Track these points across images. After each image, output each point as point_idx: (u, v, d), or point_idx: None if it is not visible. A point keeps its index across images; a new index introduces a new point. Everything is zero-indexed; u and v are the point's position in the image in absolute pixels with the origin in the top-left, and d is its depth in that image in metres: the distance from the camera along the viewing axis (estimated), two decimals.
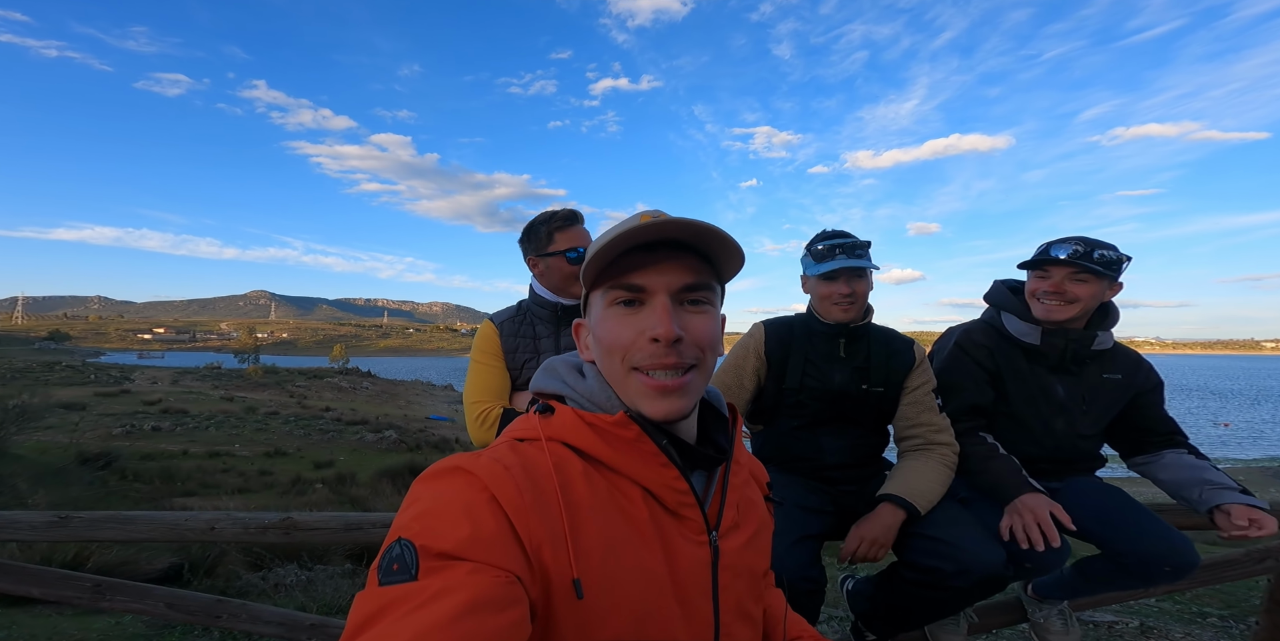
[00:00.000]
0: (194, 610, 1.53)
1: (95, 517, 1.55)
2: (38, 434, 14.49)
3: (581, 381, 0.68)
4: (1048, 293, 1.51)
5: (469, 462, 0.55)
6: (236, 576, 3.59)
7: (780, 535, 1.39)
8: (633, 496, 0.60)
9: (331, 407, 34.17)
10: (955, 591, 1.31)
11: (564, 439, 0.61)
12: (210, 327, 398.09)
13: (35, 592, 1.51)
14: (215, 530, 1.57)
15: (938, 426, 1.54)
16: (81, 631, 2.66)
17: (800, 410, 1.59)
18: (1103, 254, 1.46)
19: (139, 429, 21.64)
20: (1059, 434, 1.57)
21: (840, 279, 1.50)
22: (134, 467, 13.63)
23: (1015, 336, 1.60)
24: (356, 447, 21.04)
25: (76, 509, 5.10)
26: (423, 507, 0.51)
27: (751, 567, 0.69)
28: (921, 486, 1.44)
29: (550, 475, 0.56)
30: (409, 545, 0.48)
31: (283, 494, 11.35)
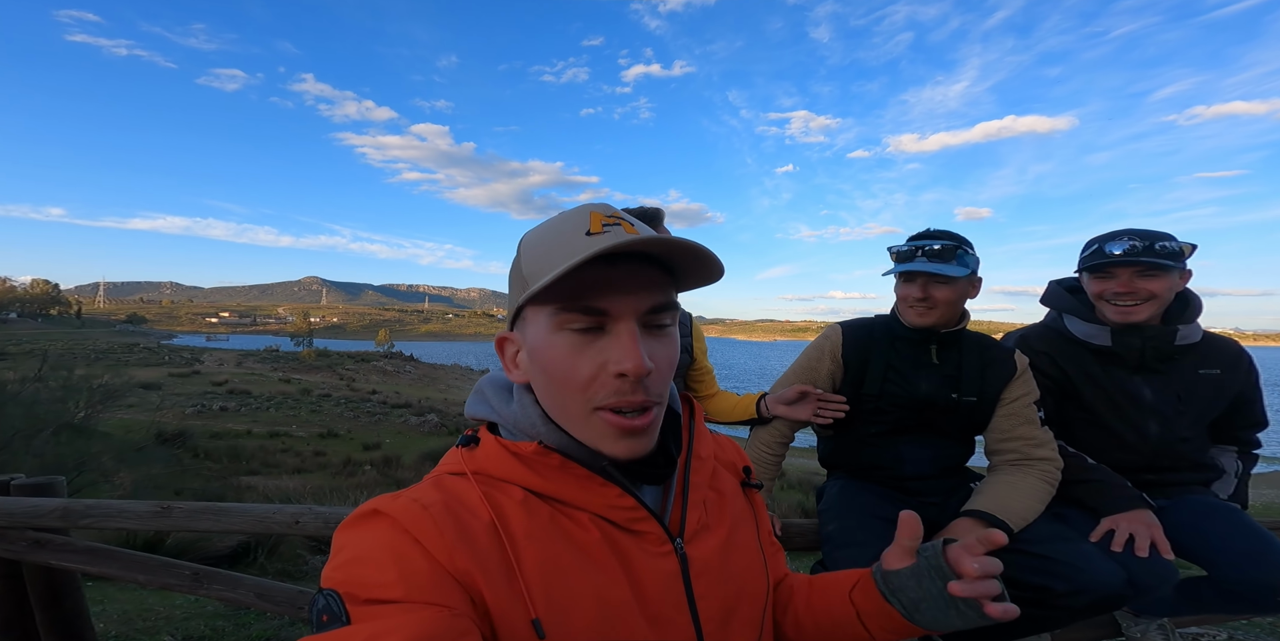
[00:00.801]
0: (280, 601, 1.61)
1: (194, 508, 1.65)
2: (120, 412, 15.72)
3: (507, 406, 0.61)
4: (1118, 293, 1.39)
5: (386, 505, 0.52)
6: (303, 559, 3.81)
7: (860, 547, 1.36)
8: (579, 520, 0.56)
9: (378, 390, 35.68)
10: (1064, 611, 1.24)
11: (489, 471, 0.57)
12: (269, 312, 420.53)
13: (140, 579, 1.63)
14: (299, 524, 1.64)
15: (1038, 440, 1.44)
16: (167, 608, 2.88)
17: (879, 417, 1.52)
18: (1164, 245, 1.35)
19: (209, 408, 23.21)
20: (1154, 438, 1.46)
21: (917, 281, 1.43)
22: (205, 446, 14.66)
23: (1083, 339, 1.49)
24: (401, 430, 21.96)
25: (155, 486, 5.51)
26: (346, 556, 0.49)
27: (735, 567, 0.63)
28: (1015, 503, 1.35)
29: (480, 508, 0.53)
30: (333, 595, 0.46)
31: (335, 475, 11.98)
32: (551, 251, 0.54)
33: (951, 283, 1.42)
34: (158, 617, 2.79)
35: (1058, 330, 1.56)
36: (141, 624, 2.69)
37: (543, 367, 0.56)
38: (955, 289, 1.43)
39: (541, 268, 0.54)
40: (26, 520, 1.60)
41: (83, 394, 13.11)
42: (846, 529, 1.42)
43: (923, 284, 1.43)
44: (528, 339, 0.57)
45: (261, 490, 9.02)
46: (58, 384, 12.76)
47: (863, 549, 1.35)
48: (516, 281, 0.58)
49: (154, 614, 2.85)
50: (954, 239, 1.44)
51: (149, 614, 2.85)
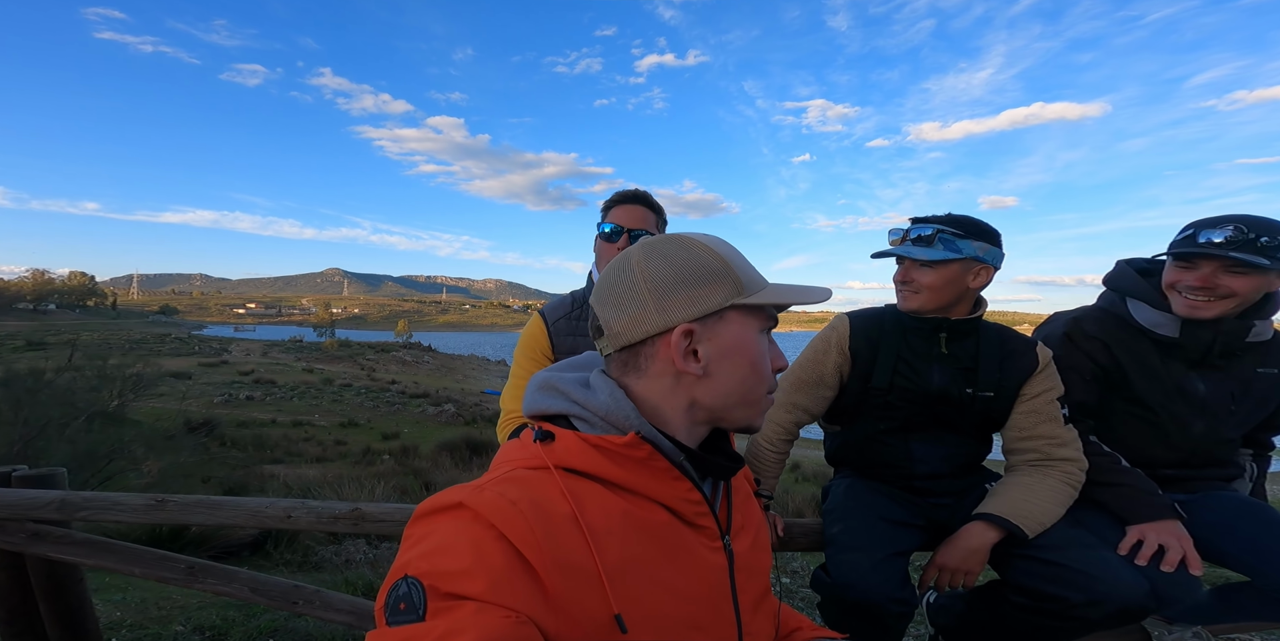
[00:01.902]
0: (274, 595, 1.60)
1: (187, 502, 1.64)
2: (151, 401, 16.27)
3: (592, 397, 0.63)
4: (1193, 287, 1.26)
5: (471, 498, 0.53)
6: (312, 551, 3.87)
7: (865, 551, 1.29)
8: (651, 513, 0.60)
9: (397, 380, 36.35)
10: (1081, 622, 1.16)
11: (570, 465, 0.59)
12: (293, 303, 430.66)
13: (137, 572, 1.63)
14: (291, 518, 1.62)
15: (1060, 439, 1.34)
16: (185, 597, 2.94)
17: (889, 412, 1.44)
18: (1268, 240, 1.20)
19: (235, 398, 23.90)
20: (1197, 437, 1.36)
21: (903, 262, 1.38)
22: (231, 435, 15.10)
23: (1147, 327, 1.36)
24: (419, 420, 22.35)
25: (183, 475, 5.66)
26: (429, 546, 0.50)
27: (761, 564, 0.71)
28: (1031, 506, 1.26)
29: (562, 502, 0.55)
30: (416, 584, 0.48)
31: (355, 464, 12.24)
32: (753, 271, 0.66)
33: (933, 267, 1.33)
34: (173, 606, 2.85)
35: (1117, 315, 1.43)
36: (156, 613, 2.74)
37: (747, 360, 0.64)
38: (939, 273, 1.33)
39: (754, 281, 0.65)
40: (25, 512, 1.61)
41: (116, 383, 13.59)
42: (851, 531, 1.35)
43: (906, 266, 1.38)
44: (725, 335, 0.63)
45: (283, 479, 9.24)
46: (93, 373, 13.24)
47: (866, 553, 1.28)
48: (711, 281, 0.63)
49: (170, 603, 2.91)
50: (951, 223, 1.34)
51: (166, 602, 2.91)
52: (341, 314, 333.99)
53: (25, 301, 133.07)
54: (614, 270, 0.66)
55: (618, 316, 0.64)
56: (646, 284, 0.63)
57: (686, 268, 0.63)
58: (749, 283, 0.64)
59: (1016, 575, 1.25)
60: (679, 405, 0.63)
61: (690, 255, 0.64)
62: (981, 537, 1.26)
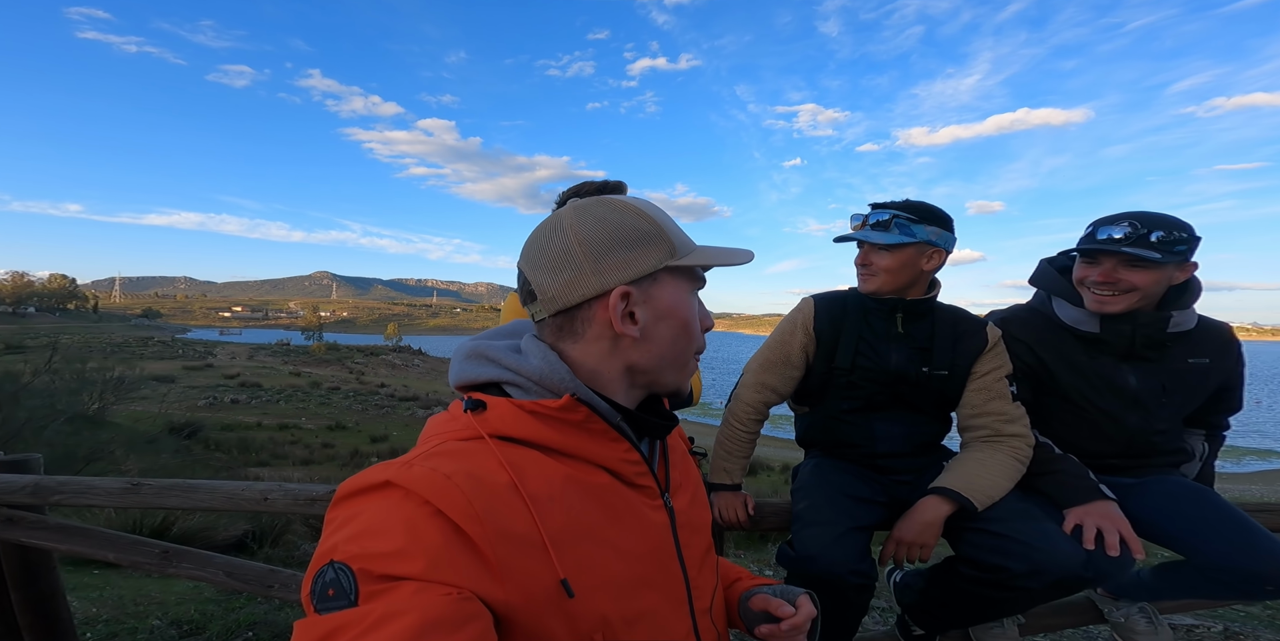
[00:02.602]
0: (249, 579, 1.61)
1: (162, 485, 1.64)
2: (133, 404, 16.00)
3: (524, 361, 0.62)
4: (1097, 282, 1.31)
5: (400, 475, 0.50)
6: (296, 546, 3.85)
7: (827, 526, 1.33)
8: (592, 476, 0.59)
9: (386, 384, 36.02)
10: (1024, 592, 1.20)
11: (504, 432, 0.57)
12: (280, 306, 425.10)
13: (110, 556, 1.63)
14: (268, 500, 1.63)
15: (1009, 416, 1.39)
16: (163, 594, 2.92)
17: (852, 392, 1.48)
18: (1161, 235, 1.24)
19: (220, 401, 23.58)
20: (1131, 429, 1.40)
21: (863, 248, 1.45)
22: (216, 438, 14.90)
23: (1070, 324, 1.41)
24: (409, 423, 22.18)
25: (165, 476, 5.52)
26: (357, 528, 0.48)
27: (701, 520, 0.72)
28: (982, 480, 1.31)
29: (500, 472, 0.53)
30: (344, 568, 0.45)
31: (342, 466, 12.15)
32: (683, 234, 0.66)
33: (890, 250, 1.40)
34: (151, 602, 2.83)
35: (1043, 314, 1.48)
36: (133, 608, 2.72)
37: (680, 321, 0.64)
38: (895, 257, 1.40)
39: (684, 243, 0.65)
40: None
41: (97, 386, 13.36)
42: (815, 507, 1.39)
43: (865, 250, 1.44)
44: (660, 297, 0.63)
45: (268, 481, 9.15)
46: (72, 375, 13.01)
47: (829, 527, 1.32)
48: (645, 243, 0.63)
49: (149, 599, 2.88)
50: (906, 209, 1.40)
51: (144, 599, 2.89)
52: (330, 317, 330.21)
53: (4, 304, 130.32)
54: (544, 232, 0.64)
55: (552, 280, 0.62)
56: (581, 246, 0.61)
57: (620, 230, 0.62)
58: (680, 245, 0.65)
59: (966, 547, 1.30)
60: (616, 368, 0.63)
61: (623, 217, 0.63)
62: (935, 511, 1.30)
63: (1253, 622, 2.41)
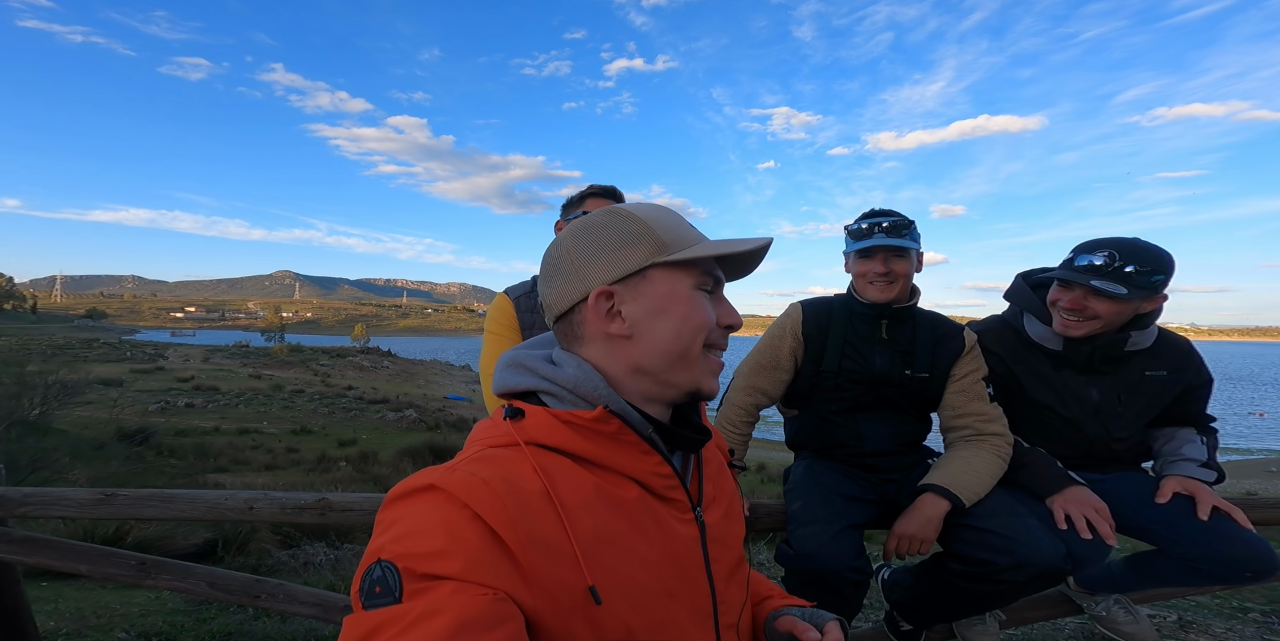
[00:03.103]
0: (233, 589, 1.56)
1: (139, 495, 1.58)
2: (78, 409, 15.09)
3: (559, 371, 0.64)
4: (1065, 308, 1.39)
5: (443, 479, 0.53)
6: (268, 554, 3.71)
7: (823, 524, 1.38)
8: (621, 488, 0.60)
9: (354, 386, 34.98)
10: (1009, 585, 1.27)
11: (540, 441, 0.59)
12: (238, 307, 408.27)
13: (83, 569, 1.55)
14: (254, 510, 1.59)
15: (988, 416, 1.47)
16: (125, 605, 2.77)
17: (839, 394, 1.54)
18: (1135, 268, 1.29)
19: (173, 405, 22.45)
20: (1091, 436, 1.49)
21: (877, 257, 1.47)
22: (169, 443, 14.17)
23: (1036, 341, 1.50)
24: (378, 426, 21.57)
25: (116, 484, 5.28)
26: (403, 528, 0.50)
27: (733, 535, 0.72)
28: (968, 477, 1.38)
29: (534, 479, 0.55)
30: (390, 567, 0.48)
31: (309, 471, 11.72)
32: (685, 231, 0.66)
33: (907, 255, 1.47)
34: (114, 614, 2.68)
35: (1014, 328, 1.56)
36: (95, 621, 2.58)
37: (678, 315, 0.64)
38: (909, 262, 1.48)
39: (681, 239, 0.65)
40: None
41: (37, 390, 12.56)
42: (810, 506, 1.43)
43: (883, 258, 1.46)
44: (650, 293, 0.64)
45: (230, 487, 8.76)
46: (10, 380, 12.20)
47: (824, 525, 1.36)
48: (629, 244, 0.64)
49: (110, 611, 2.74)
50: (903, 216, 1.49)
51: (105, 611, 2.74)
52: (293, 318, 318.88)
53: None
54: (549, 249, 0.70)
55: (549, 290, 0.67)
56: (570, 255, 0.65)
57: (606, 235, 0.65)
58: (674, 241, 0.65)
59: (953, 543, 1.36)
60: (623, 370, 0.64)
61: (612, 223, 0.65)
62: (935, 507, 1.36)
63: (1204, 611, 2.57)
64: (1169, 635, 2.34)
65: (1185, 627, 2.39)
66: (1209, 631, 2.35)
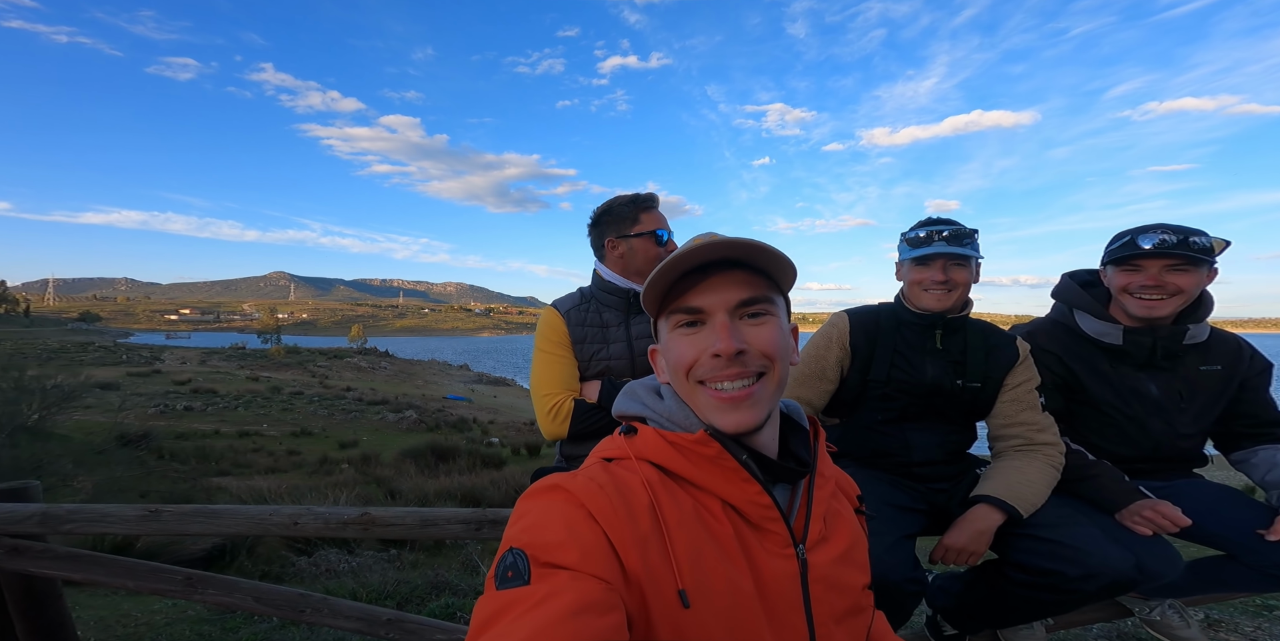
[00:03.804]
0: (280, 604, 1.56)
1: (184, 511, 1.57)
2: (77, 413, 14.99)
3: (660, 402, 0.71)
4: (1146, 286, 1.39)
5: (566, 481, 0.60)
6: (287, 561, 3.69)
7: (878, 536, 1.35)
8: (716, 511, 0.63)
9: (353, 387, 34.88)
10: (1078, 595, 1.27)
11: (648, 457, 0.65)
12: (233, 308, 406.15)
13: (130, 585, 1.55)
14: (298, 525, 1.58)
15: (1040, 425, 1.47)
16: (145, 613, 2.76)
17: (887, 404, 1.53)
18: (1197, 240, 1.33)
19: (172, 409, 22.34)
20: (1156, 434, 1.49)
21: (936, 264, 1.45)
22: (170, 447, 14.11)
23: (1093, 337, 1.50)
24: (378, 427, 21.52)
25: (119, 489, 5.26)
26: (529, 521, 0.56)
27: (847, 581, 0.69)
28: (1024, 488, 1.38)
29: (641, 491, 0.60)
30: (521, 554, 0.53)
31: (311, 474, 11.68)
32: (654, 273, 0.68)
33: (968, 264, 1.46)
34: (138, 624, 2.67)
35: (1067, 326, 1.56)
36: (121, 631, 2.57)
37: (669, 360, 0.69)
38: (969, 271, 1.47)
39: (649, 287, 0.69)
40: (2, 526, 1.50)
41: (36, 395, 12.45)
42: None
43: (943, 266, 1.45)
44: (661, 345, 0.72)
45: (234, 491, 8.72)
46: (9, 385, 12.10)
47: (879, 538, 1.35)
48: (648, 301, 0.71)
49: (133, 620, 2.72)
50: (963, 225, 1.48)
51: (128, 620, 2.72)
52: (288, 319, 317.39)
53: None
54: None
55: None
56: None
57: None
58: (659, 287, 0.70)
59: (1015, 553, 1.35)
60: None
61: None
62: (988, 519, 1.36)
63: (1231, 610, 2.58)
64: None
65: (1214, 626, 2.41)
66: (1238, 630, 2.37)
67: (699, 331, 0.67)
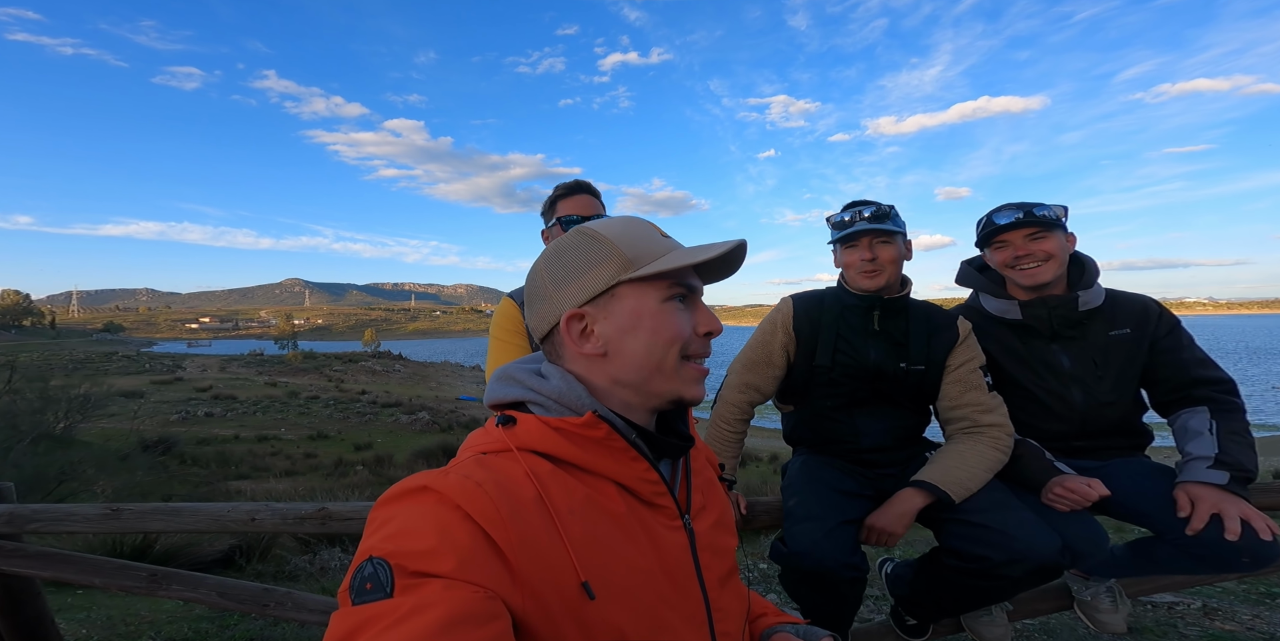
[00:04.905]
0: (243, 599, 1.58)
1: (144, 510, 1.60)
2: (101, 421, 15.43)
3: (545, 383, 0.66)
4: (1019, 257, 1.45)
5: (436, 481, 0.54)
6: (286, 561, 3.77)
7: (817, 521, 1.35)
8: (609, 493, 0.62)
9: (367, 390, 35.41)
10: (1005, 580, 1.24)
11: (531, 446, 0.61)
12: (251, 316, 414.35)
13: (97, 582, 1.58)
14: (255, 521, 1.60)
15: (985, 405, 1.43)
16: (153, 613, 2.84)
17: (835, 389, 1.51)
18: (1041, 210, 1.45)
19: (193, 415, 22.90)
20: (1078, 405, 1.46)
21: (861, 243, 1.44)
22: (191, 452, 14.48)
23: (998, 315, 1.53)
24: (392, 429, 21.84)
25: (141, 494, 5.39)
26: (394, 527, 0.51)
27: (725, 544, 0.72)
28: (960, 472, 1.35)
29: (525, 484, 0.56)
30: (383, 564, 0.48)
31: (327, 476, 11.90)
32: (652, 243, 0.67)
33: (893, 240, 1.44)
34: (142, 622, 2.75)
35: (976, 309, 1.59)
36: (124, 628, 2.65)
37: (649, 330, 0.65)
38: (896, 248, 1.45)
39: (648, 253, 0.66)
40: None
41: (61, 404, 12.86)
42: (805, 503, 1.41)
43: (868, 244, 1.44)
44: (620, 311, 0.65)
45: (250, 494, 8.91)
46: (34, 395, 12.49)
47: (820, 522, 1.34)
48: (596, 265, 0.66)
49: (138, 618, 2.81)
50: (883, 204, 1.47)
51: (134, 618, 2.81)
52: (304, 325, 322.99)
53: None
54: (529, 274, 0.72)
55: (530, 314, 0.71)
56: (547, 280, 0.68)
57: (575, 257, 0.67)
58: (639, 256, 0.65)
59: (948, 538, 1.34)
60: (604, 382, 0.66)
61: (580, 244, 0.68)
62: (909, 502, 1.34)
63: (1229, 598, 2.51)
64: (1193, 622, 2.29)
65: (1210, 614, 2.35)
66: (1235, 618, 2.31)
67: (686, 307, 0.67)
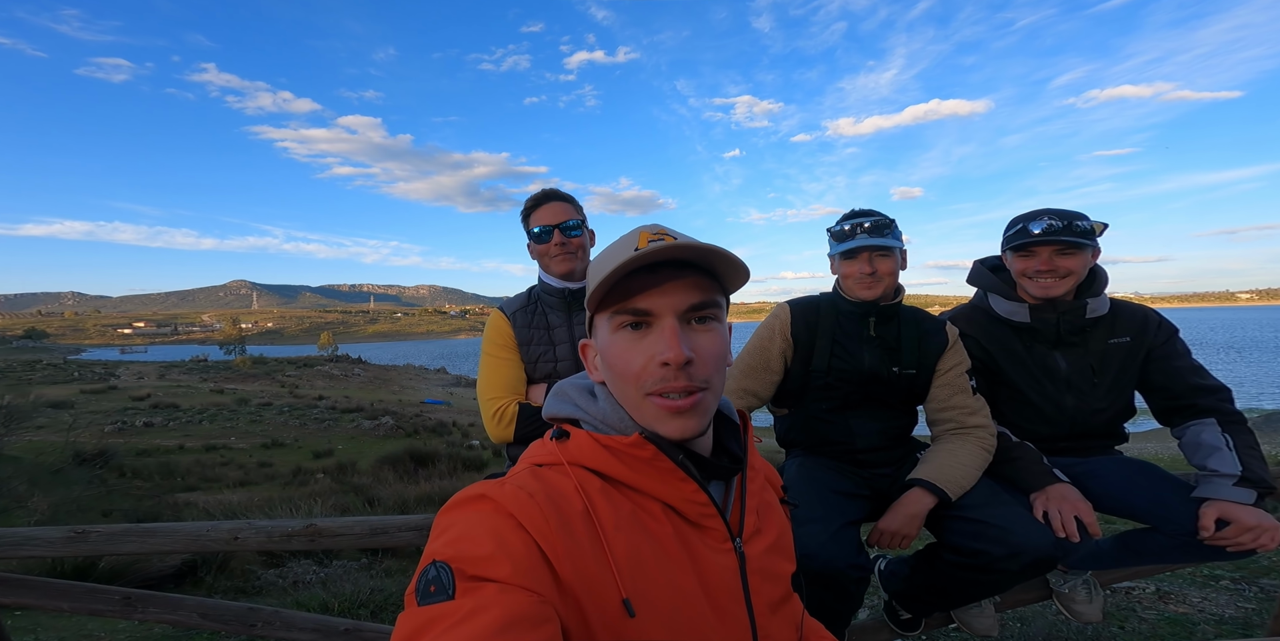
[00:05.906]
0: (228, 619, 1.50)
1: (114, 531, 1.49)
2: (29, 434, 14.24)
3: (594, 404, 0.68)
4: (1040, 271, 1.48)
5: (493, 490, 0.57)
6: (254, 574, 3.58)
7: (821, 523, 1.38)
8: (655, 513, 0.62)
9: (325, 396, 34.01)
10: (1004, 574, 1.30)
11: (582, 462, 0.62)
12: (192, 320, 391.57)
13: (65, 607, 1.47)
14: (239, 540, 1.52)
15: (971, 408, 1.51)
16: (109, 632, 2.65)
17: (829, 392, 1.56)
18: (1079, 224, 1.45)
19: (131, 425, 21.43)
20: (1070, 410, 1.54)
21: (861, 257, 1.49)
22: (132, 464, 13.53)
23: (1005, 317, 1.58)
24: (354, 435, 21.02)
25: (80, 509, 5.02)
26: (454, 534, 0.53)
27: (779, 569, 0.71)
28: (954, 471, 1.41)
29: (574, 498, 0.58)
30: (445, 567, 0.50)
31: (285, 485, 11.34)
32: (604, 268, 0.63)
33: (892, 254, 1.50)
34: None
35: (983, 309, 1.64)
36: None
37: (609, 363, 0.65)
38: (894, 261, 1.51)
39: (596, 278, 0.64)
40: None
41: None
42: (807, 505, 1.44)
43: (868, 258, 1.49)
44: (598, 342, 0.67)
45: (202, 506, 8.40)
46: None
47: (823, 525, 1.37)
48: (590, 293, 0.66)
49: (94, 639, 2.61)
50: (884, 215, 1.52)
51: (89, 639, 2.61)
52: (253, 329, 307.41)
53: None
54: None
55: None
56: None
57: None
58: (597, 283, 0.64)
59: (948, 535, 1.39)
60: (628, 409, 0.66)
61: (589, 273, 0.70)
62: (919, 503, 1.39)
63: (1179, 582, 2.70)
64: (1150, 606, 2.46)
65: (1164, 598, 2.52)
66: (1186, 601, 2.48)
67: (645, 335, 0.62)
